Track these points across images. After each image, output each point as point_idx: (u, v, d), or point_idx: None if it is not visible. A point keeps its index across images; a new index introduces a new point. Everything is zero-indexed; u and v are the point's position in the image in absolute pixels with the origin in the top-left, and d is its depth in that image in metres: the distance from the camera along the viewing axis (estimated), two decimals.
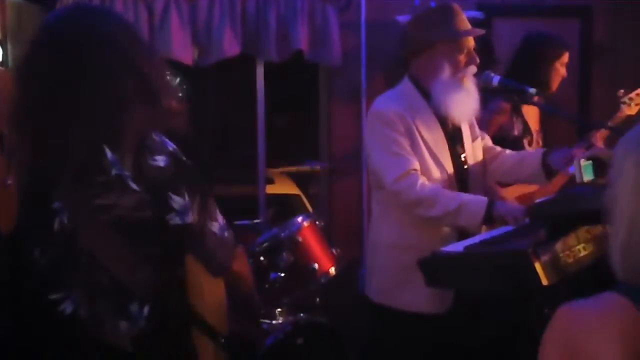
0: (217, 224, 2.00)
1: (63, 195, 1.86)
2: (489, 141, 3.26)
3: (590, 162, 2.69)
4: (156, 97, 1.93)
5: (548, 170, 2.98)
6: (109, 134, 1.87)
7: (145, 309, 1.91)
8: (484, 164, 3.16)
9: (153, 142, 1.90)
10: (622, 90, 3.62)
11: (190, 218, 1.92)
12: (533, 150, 3.65)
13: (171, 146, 1.93)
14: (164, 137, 1.93)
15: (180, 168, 1.93)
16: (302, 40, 4.26)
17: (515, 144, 3.66)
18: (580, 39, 4.88)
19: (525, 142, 3.80)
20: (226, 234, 2.03)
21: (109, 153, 1.85)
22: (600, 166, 2.72)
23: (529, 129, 3.82)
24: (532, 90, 2.79)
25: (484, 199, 2.78)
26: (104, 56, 1.88)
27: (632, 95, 3.62)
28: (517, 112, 3.77)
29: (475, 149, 3.12)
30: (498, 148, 3.23)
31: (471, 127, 3.13)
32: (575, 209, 2.37)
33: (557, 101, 3.98)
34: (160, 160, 1.89)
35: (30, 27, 3.85)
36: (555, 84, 3.80)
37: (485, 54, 3.00)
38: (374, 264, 3.11)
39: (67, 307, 1.88)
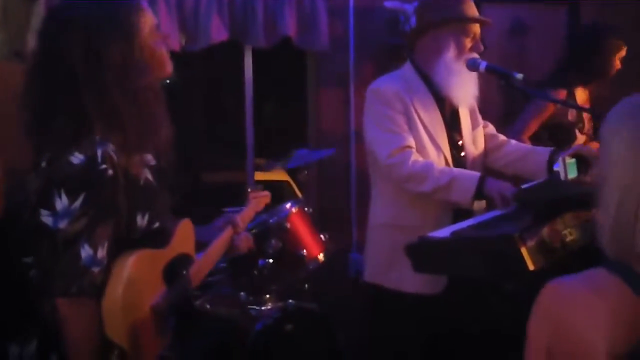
0: (89, 252, 1.81)
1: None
2: (492, 129, 3.26)
3: (574, 160, 2.71)
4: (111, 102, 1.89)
5: (552, 170, 2.97)
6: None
7: None
8: (483, 153, 3.16)
9: (87, 141, 1.84)
10: None
11: (64, 225, 1.80)
12: (542, 147, 3.67)
13: (103, 150, 1.83)
14: (105, 142, 1.86)
15: (90, 174, 1.82)
16: (290, 26, 4.25)
17: (568, 131, 3.69)
18: (568, 25, 4.88)
19: (577, 129, 3.84)
20: (94, 268, 1.81)
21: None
22: (583, 164, 2.74)
23: (581, 116, 3.86)
24: (519, 76, 2.79)
25: (476, 174, 2.79)
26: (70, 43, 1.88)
27: None
28: (571, 98, 3.81)
29: (475, 137, 3.12)
30: (502, 137, 3.22)
31: (472, 114, 3.13)
32: (562, 193, 2.38)
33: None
34: (76, 158, 1.82)
35: (16, 17, 3.82)
36: (612, 74, 3.92)
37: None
38: (369, 244, 3.13)
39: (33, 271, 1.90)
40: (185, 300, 2.17)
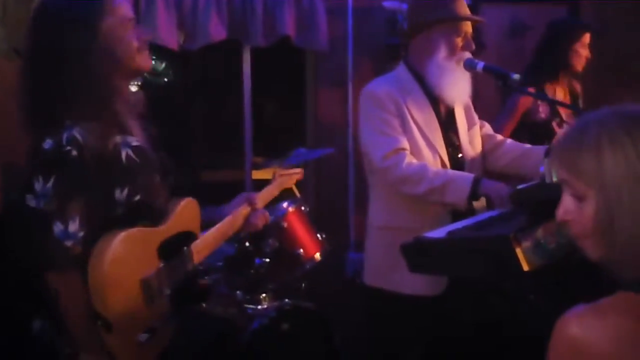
0: (60, 227, 2.01)
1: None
2: (489, 129, 3.25)
3: None
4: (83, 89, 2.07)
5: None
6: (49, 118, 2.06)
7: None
8: (481, 153, 3.16)
9: (57, 126, 2.03)
10: None
11: (42, 204, 2.00)
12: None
13: (69, 134, 2.01)
14: (73, 126, 2.03)
15: (58, 156, 2.00)
16: (288, 25, 4.25)
17: (545, 127, 3.72)
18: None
19: (554, 124, 3.86)
20: (67, 242, 2.01)
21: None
22: None
23: (557, 111, 3.88)
24: (516, 76, 2.79)
25: (470, 176, 2.79)
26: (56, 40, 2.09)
27: None
28: (526, 96, 3.83)
29: (472, 137, 3.12)
30: (499, 137, 3.22)
31: (467, 114, 3.14)
32: (557, 194, 2.38)
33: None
34: (47, 144, 2.02)
35: (15, 14, 3.82)
36: (579, 65, 3.98)
37: (473, 39, 3.01)
38: (368, 246, 3.13)
39: None
40: (185, 274, 2.29)
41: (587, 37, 3.97)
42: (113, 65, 2.14)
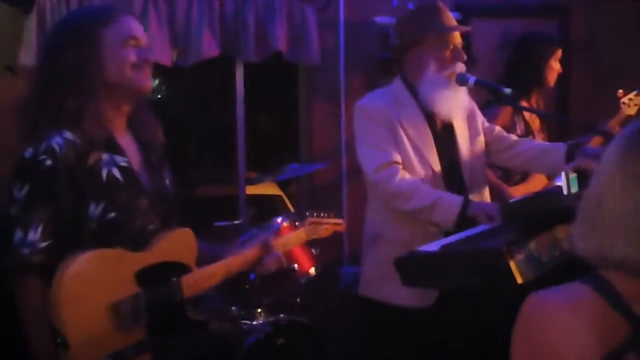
0: (20, 234, 2.02)
1: None
2: (500, 131, 3.22)
3: (576, 174, 2.71)
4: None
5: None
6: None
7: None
8: (484, 163, 3.15)
9: (39, 135, 2.07)
10: (621, 91, 3.68)
11: (15, 210, 2.04)
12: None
13: (47, 143, 2.04)
14: (61, 132, 2.07)
15: (32, 164, 2.04)
16: (280, 40, 4.27)
17: None
18: (559, 38, 4.92)
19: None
20: (23, 250, 2.02)
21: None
22: (585, 178, 2.74)
23: (530, 128, 3.89)
24: (507, 91, 2.81)
25: (459, 198, 2.79)
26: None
27: (631, 95, 3.68)
28: (517, 112, 3.83)
29: (475, 146, 3.10)
30: (513, 136, 3.20)
31: (470, 124, 3.12)
32: (549, 207, 2.39)
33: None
34: (28, 152, 2.06)
35: (8, 31, 3.83)
36: (552, 80, 3.94)
37: (464, 51, 3.03)
38: (363, 258, 3.13)
39: None
40: (172, 305, 2.20)
41: (559, 52, 3.95)
42: (103, 78, 2.16)
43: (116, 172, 2.15)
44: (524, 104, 3.88)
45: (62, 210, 2.06)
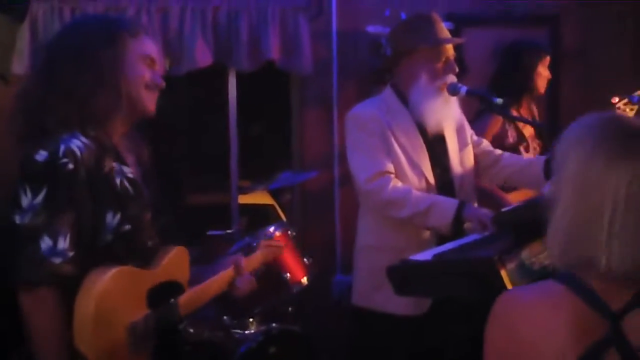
0: (49, 243, 1.88)
1: None
2: (487, 145, 3.26)
3: None
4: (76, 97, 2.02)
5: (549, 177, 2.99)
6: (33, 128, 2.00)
7: None
8: (473, 173, 3.17)
9: (53, 138, 1.96)
10: (616, 98, 3.70)
11: (27, 219, 1.89)
12: (534, 157, 3.70)
13: (66, 145, 1.94)
14: (75, 136, 1.97)
15: (51, 168, 1.91)
16: (273, 49, 4.28)
17: (513, 151, 3.74)
18: (550, 46, 4.94)
19: (522, 148, 3.88)
20: (54, 259, 1.88)
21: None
22: None
23: (523, 136, 3.90)
24: (499, 100, 2.83)
25: (454, 201, 2.81)
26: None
27: (627, 100, 3.69)
28: (508, 120, 3.85)
29: (463, 157, 3.12)
30: (498, 151, 3.23)
31: (460, 134, 3.14)
32: (540, 216, 2.40)
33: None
34: (40, 155, 1.93)
35: (1, 40, 3.83)
36: (542, 87, 3.97)
37: (456, 63, 3.04)
38: (356, 266, 3.14)
39: None
40: (172, 328, 2.17)
41: (547, 59, 3.97)
42: (117, 89, 2.07)
43: (126, 183, 2.08)
44: (514, 111, 3.89)
45: (83, 218, 1.95)
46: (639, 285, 1.40)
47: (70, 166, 1.92)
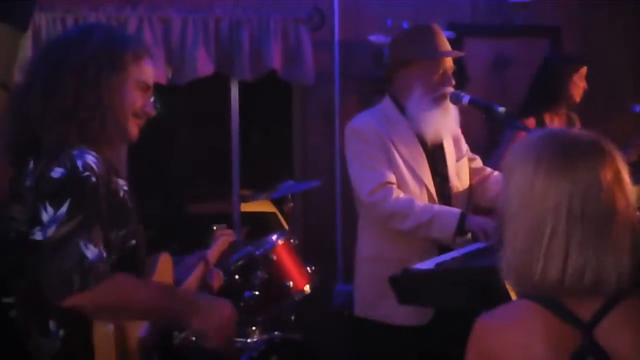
0: (95, 250, 1.82)
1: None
2: (479, 162, 3.27)
3: None
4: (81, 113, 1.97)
5: None
6: (31, 142, 1.96)
7: (61, 331, 1.90)
8: (468, 185, 3.17)
9: (65, 154, 1.91)
10: None
11: (52, 231, 1.82)
12: None
13: (83, 161, 1.90)
14: (85, 151, 1.93)
15: (72, 181, 1.87)
16: (275, 59, 4.29)
17: None
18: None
19: None
20: (100, 266, 1.82)
21: (30, 163, 1.94)
22: None
23: None
24: (501, 109, 2.84)
25: (457, 211, 2.81)
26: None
27: None
28: (541, 125, 3.91)
29: (459, 168, 3.13)
30: (487, 170, 3.24)
31: (456, 145, 3.15)
32: None
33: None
34: (56, 172, 1.88)
35: (3, 49, 3.84)
36: (577, 96, 4.09)
37: (458, 73, 3.05)
38: (357, 278, 3.14)
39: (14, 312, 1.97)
40: (167, 336, 2.16)
41: (584, 70, 4.09)
42: (111, 114, 2.02)
43: (126, 197, 2.06)
44: (548, 117, 3.98)
45: (104, 230, 1.91)
46: (606, 294, 1.43)
47: (93, 179, 1.89)
